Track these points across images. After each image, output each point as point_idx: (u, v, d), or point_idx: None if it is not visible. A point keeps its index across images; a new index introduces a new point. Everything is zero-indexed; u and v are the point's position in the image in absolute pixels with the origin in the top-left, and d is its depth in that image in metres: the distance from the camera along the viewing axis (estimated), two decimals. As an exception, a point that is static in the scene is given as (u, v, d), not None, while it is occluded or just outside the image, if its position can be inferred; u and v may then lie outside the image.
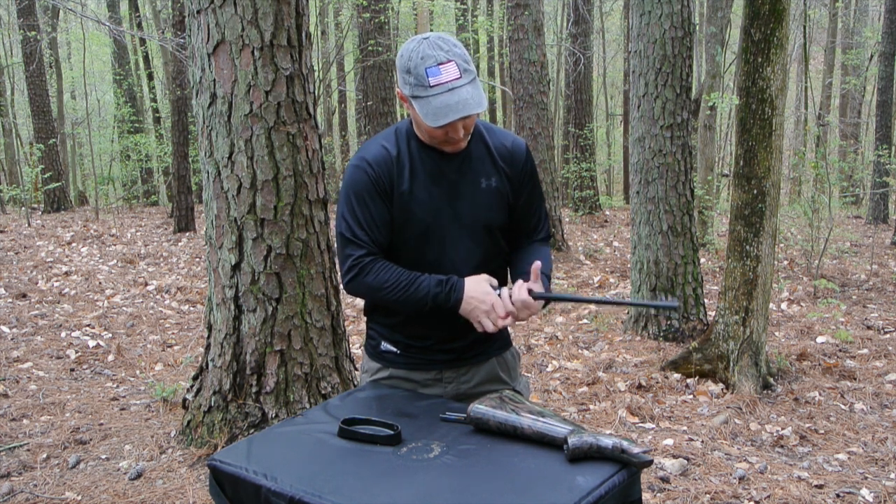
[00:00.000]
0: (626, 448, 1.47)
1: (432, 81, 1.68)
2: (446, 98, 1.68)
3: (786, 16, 4.29)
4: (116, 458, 3.54)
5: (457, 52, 1.71)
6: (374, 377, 2.00)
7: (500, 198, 1.92)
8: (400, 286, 1.79)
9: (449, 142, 1.81)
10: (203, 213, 3.70)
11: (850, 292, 7.37)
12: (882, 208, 12.63)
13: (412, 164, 1.85)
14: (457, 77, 1.69)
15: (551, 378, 4.81)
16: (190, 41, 3.46)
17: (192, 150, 12.18)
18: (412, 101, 1.73)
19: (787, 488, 3.16)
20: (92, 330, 6.02)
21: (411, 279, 1.80)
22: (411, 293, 1.79)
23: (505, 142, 1.94)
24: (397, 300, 1.81)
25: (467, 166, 1.89)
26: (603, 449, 1.48)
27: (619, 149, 20.17)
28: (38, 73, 13.86)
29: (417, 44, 1.72)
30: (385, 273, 1.81)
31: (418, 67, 1.69)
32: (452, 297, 1.79)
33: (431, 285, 1.79)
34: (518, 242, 2.02)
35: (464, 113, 1.68)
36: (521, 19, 9.26)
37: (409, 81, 1.72)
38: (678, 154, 5.64)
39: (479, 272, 1.88)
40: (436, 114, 1.69)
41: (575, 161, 13.90)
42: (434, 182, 1.86)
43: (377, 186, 1.82)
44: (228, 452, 1.60)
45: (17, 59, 17.27)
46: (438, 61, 1.69)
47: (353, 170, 1.84)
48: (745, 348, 4.45)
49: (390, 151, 1.85)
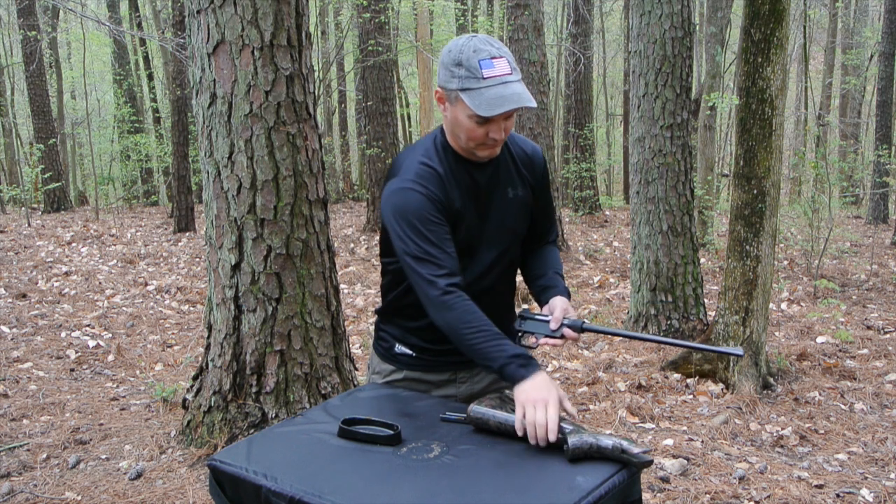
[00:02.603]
0: (626, 448, 1.47)
1: (486, 73, 1.67)
2: (500, 90, 1.67)
3: (786, 16, 4.30)
4: (116, 458, 3.54)
5: (505, 51, 1.72)
6: (388, 379, 1.99)
7: (524, 207, 1.93)
8: (480, 337, 1.67)
9: (487, 144, 1.77)
10: (203, 213, 3.70)
11: (850, 292, 7.37)
12: (882, 208, 12.63)
13: (456, 180, 1.82)
14: (508, 73, 1.69)
15: (551, 378, 4.80)
16: (190, 41, 3.46)
17: (192, 150, 12.18)
18: (461, 94, 1.69)
19: (787, 488, 3.16)
20: (92, 330, 6.02)
21: (493, 336, 1.68)
22: (487, 349, 1.67)
23: (525, 148, 1.95)
24: (469, 345, 1.68)
25: (496, 177, 1.88)
26: (603, 449, 1.48)
27: (619, 149, 20.16)
28: (38, 73, 13.86)
29: (467, 39, 1.72)
30: (470, 316, 1.68)
31: (471, 60, 1.68)
32: (522, 372, 1.63)
33: (508, 353, 1.65)
34: (529, 246, 2.03)
35: (518, 104, 1.68)
36: (521, 19, 9.26)
37: (458, 74, 1.69)
38: (678, 154, 5.64)
39: (501, 280, 1.92)
40: (490, 104, 1.67)
41: (575, 161, 13.90)
42: (469, 195, 1.84)
43: (436, 205, 1.74)
44: (228, 452, 1.60)
45: (17, 59, 17.28)
46: (492, 55, 1.69)
47: (406, 193, 1.74)
48: (745, 348, 4.45)
49: (436, 169, 1.79)
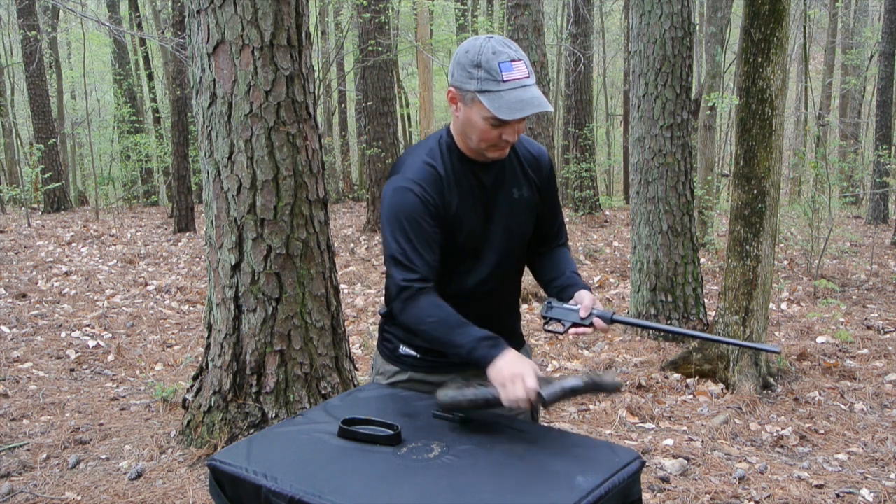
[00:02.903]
0: (594, 379, 1.54)
1: (506, 76, 1.67)
2: (520, 94, 1.68)
3: (786, 16, 4.30)
4: (116, 458, 3.54)
5: (522, 55, 1.72)
6: (392, 380, 1.99)
7: (530, 208, 1.93)
8: (445, 327, 1.71)
9: (499, 146, 1.77)
10: (203, 213, 3.70)
11: (850, 292, 7.37)
12: (882, 208, 12.63)
13: (458, 181, 1.82)
14: (526, 76, 1.70)
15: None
16: (190, 41, 3.46)
17: (192, 150, 12.18)
18: (479, 96, 1.69)
19: (787, 488, 3.16)
20: (92, 330, 6.02)
21: (458, 323, 1.71)
22: (453, 337, 1.70)
23: (531, 149, 1.95)
24: (436, 338, 1.73)
25: (501, 178, 1.87)
26: (575, 389, 1.56)
27: (619, 149, 20.16)
28: (38, 73, 13.86)
29: (485, 40, 1.71)
30: (434, 309, 1.73)
31: (490, 62, 1.67)
32: (492, 353, 1.66)
33: (475, 337, 1.69)
34: (539, 248, 2.02)
35: (538, 109, 1.68)
36: (521, 19, 9.25)
37: (476, 76, 1.69)
38: (678, 154, 5.64)
39: (505, 281, 1.91)
40: (510, 108, 1.67)
41: (575, 161, 13.90)
42: (474, 196, 1.84)
43: (429, 208, 1.75)
44: (228, 452, 1.60)
45: (17, 59, 17.28)
46: (511, 58, 1.69)
47: (402, 192, 1.76)
48: (745, 348, 4.44)
49: (438, 170, 1.79)
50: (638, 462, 1.53)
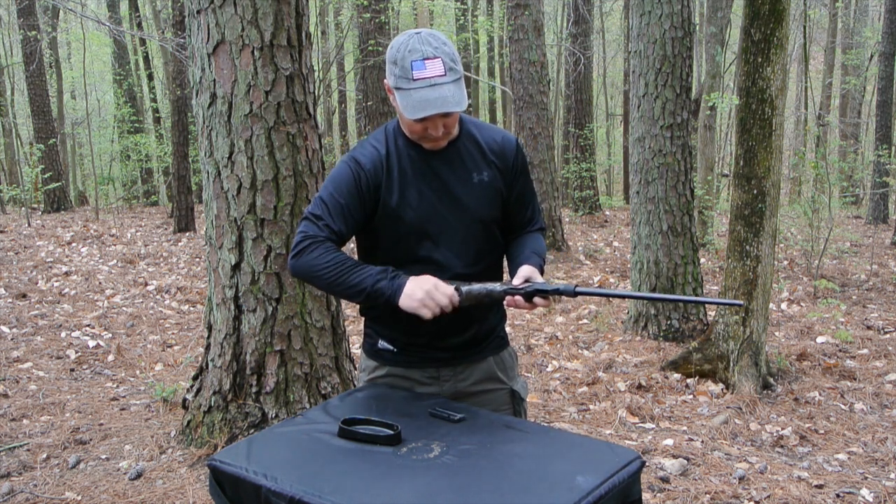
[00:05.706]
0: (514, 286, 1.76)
1: (416, 75, 1.69)
2: (427, 93, 1.69)
3: (786, 16, 4.30)
4: (116, 458, 3.54)
5: (445, 51, 1.72)
6: (372, 375, 2.01)
7: (493, 192, 1.91)
8: (340, 268, 1.73)
9: (427, 138, 1.81)
10: (203, 213, 3.70)
11: (850, 292, 7.37)
12: (882, 208, 12.63)
13: (401, 163, 1.85)
14: (441, 74, 1.70)
15: (551, 378, 4.81)
16: (190, 41, 3.46)
17: (192, 150, 12.18)
18: (395, 92, 1.74)
19: (787, 488, 3.16)
20: (92, 330, 6.02)
21: (355, 264, 1.75)
22: (352, 277, 1.73)
23: (495, 136, 1.95)
24: (333, 282, 1.74)
25: (458, 162, 1.88)
26: (492, 293, 1.76)
27: (619, 149, 20.16)
28: (38, 73, 13.86)
29: (408, 37, 1.74)
30: (329, 255, 1.75)
31: (405, 60, 1.71)
32: (395, 283, 1.72)
33: (375, 272, 1.74)
34: (512, 235, 2.02)
35: (442, 109, 1.69)
36: (521, 19, 9.26)
37: (394, 72, 1.73)
38: (678, 154, 5.64)
39: (474, 268, 1.88)
40: (415, 107, 1.70)
41: (575, 161, 13.90)
42: (424, 179, 1.86)
43: (359, 185, 1.82)
44: (228, 452, 1.60)
45: (17, 59, 17.27)
46: (425, 56, 1.70)
47: (342, 164, 1.86)
48: (745, 348, 4.45)
49: (380, 151, 1.85)
50: (638, 462, 1.52)
